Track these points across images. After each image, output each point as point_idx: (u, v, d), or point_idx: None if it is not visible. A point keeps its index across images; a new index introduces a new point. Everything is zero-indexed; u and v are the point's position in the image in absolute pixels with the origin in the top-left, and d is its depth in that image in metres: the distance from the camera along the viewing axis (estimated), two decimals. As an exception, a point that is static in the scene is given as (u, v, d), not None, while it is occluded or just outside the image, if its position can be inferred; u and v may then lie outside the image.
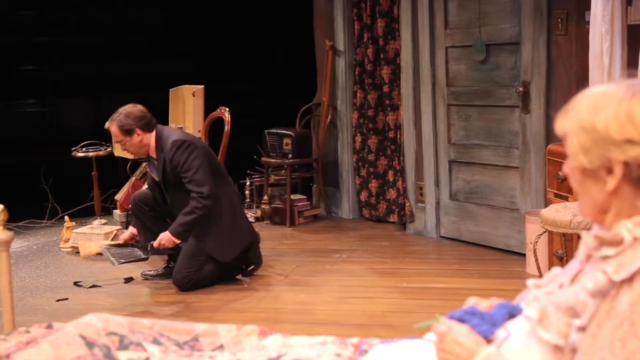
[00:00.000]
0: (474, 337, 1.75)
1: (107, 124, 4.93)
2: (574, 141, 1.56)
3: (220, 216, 4.89)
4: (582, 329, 1.51)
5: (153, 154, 4.94)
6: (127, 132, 4.82)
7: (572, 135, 1.56)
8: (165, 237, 4.80)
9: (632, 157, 1.48)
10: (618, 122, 1.49)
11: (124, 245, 5.03)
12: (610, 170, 1.51)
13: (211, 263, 4.89)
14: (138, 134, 4.83)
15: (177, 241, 4.81)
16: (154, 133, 4.90)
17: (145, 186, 5.49)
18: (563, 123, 1.59)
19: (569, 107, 1.60)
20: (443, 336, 1.75)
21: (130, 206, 5.15)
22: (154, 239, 4.82)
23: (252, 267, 5.12)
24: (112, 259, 4.81)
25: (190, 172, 4.74)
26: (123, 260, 4.82)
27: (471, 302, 1.92)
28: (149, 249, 4.86)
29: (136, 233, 5.06)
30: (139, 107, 4.93)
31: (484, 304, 1.86)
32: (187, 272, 4.82)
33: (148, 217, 5.05)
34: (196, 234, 4.87)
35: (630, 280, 1.44)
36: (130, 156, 5.59)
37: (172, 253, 5.01)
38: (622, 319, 1.42)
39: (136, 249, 4.96)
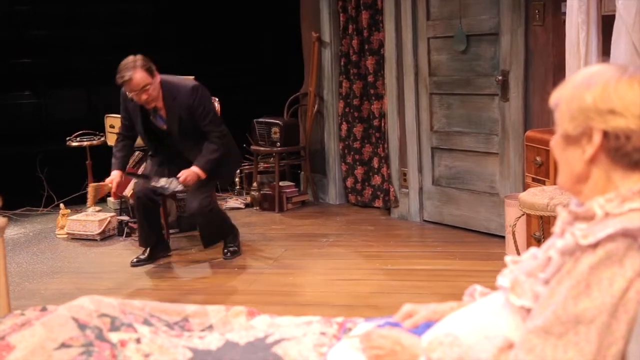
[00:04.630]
0: (399, 331, 1.85)
1: (126, 76, 4.66)
2: (563, 108, 1.62)
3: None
4: (546, 282, 1.60)
5: (159, 103, 4.93)
6: (152, 72, 4.79)
7: (563, 104, 1.62)
8: (191, 174, 4.88)
9: (612, 127, 1.55)
10: (605, 93, 1.56)
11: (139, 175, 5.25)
12: (590, 139, 1.58)
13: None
14: (156, 75, 4.84)
15: (203, 176, 4.92)
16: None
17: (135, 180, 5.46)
18: (557, 93, 1.65)
19: (565, 81, 1.67)
20: (368, 335, 1.85)
21: (134, 201, 5.19)
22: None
23: (233, 243, 5.33)
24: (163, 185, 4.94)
25: (211, 114, 4.97)
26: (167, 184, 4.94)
27: (406, 309, 2.01)
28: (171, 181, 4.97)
29: (120, 178, 5.09)
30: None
31: (417, 317, 1.95)
32: (203, 197, 4.94)
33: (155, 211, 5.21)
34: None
35: (594, 246, 1.51)
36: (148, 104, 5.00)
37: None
38: (579, 279, 1.51)
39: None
